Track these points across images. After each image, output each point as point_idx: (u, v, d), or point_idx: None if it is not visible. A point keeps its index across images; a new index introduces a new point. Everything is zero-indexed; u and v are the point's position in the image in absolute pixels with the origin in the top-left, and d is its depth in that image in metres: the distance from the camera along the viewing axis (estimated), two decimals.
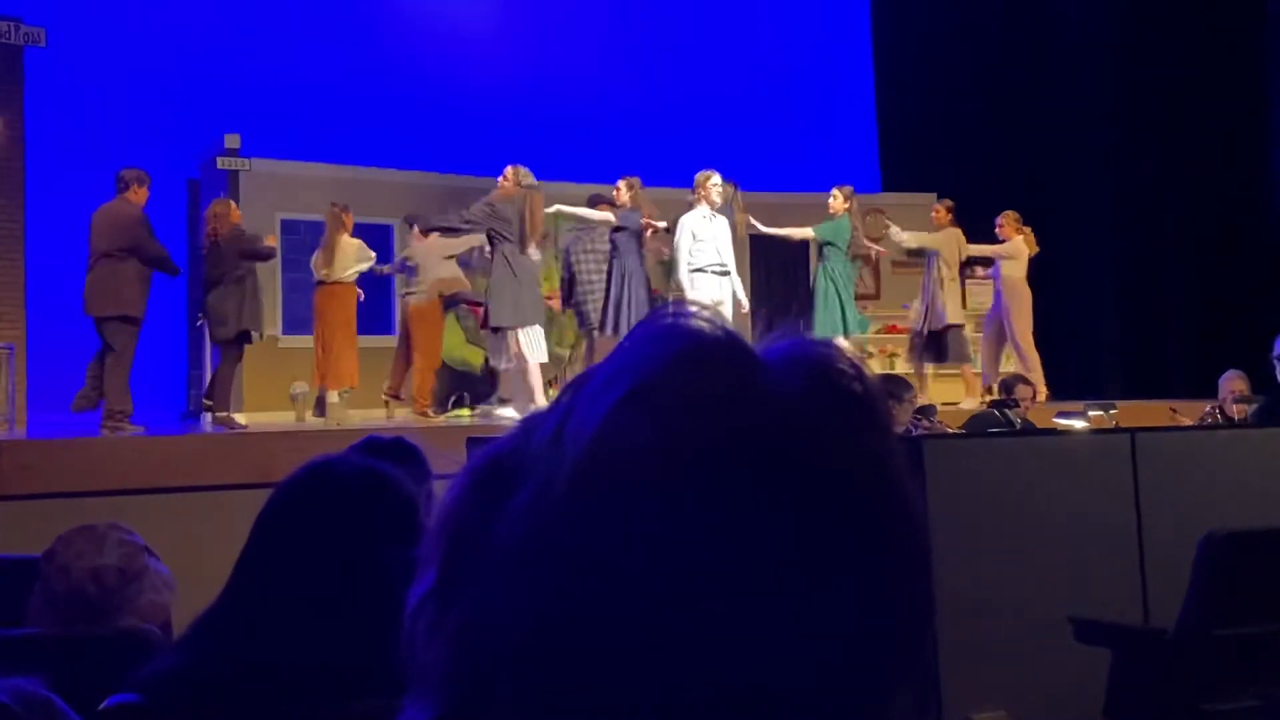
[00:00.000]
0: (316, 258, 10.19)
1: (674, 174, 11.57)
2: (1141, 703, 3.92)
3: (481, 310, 9.85)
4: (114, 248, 8.64)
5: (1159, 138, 14.42)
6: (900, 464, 0.60)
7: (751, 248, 12.88)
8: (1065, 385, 12.20)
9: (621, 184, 10.02)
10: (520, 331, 9.29)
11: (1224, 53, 13.98)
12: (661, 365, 0.58)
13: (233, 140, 12.22)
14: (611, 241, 9.93)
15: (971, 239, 11.99)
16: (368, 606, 1.43)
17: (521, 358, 9.32)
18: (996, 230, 11.79)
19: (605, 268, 9.93)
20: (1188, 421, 8.39)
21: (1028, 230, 11.64)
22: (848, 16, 16.79)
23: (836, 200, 10.90)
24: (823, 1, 16.89)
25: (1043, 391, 10.81)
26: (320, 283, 10.02)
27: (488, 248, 9.68)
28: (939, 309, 11.15)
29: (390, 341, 11.23)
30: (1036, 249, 11.69)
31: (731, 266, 9.91)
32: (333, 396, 9.89)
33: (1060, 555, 5.33)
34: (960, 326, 11.40)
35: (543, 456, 0.59)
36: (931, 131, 15.16)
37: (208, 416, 9.83)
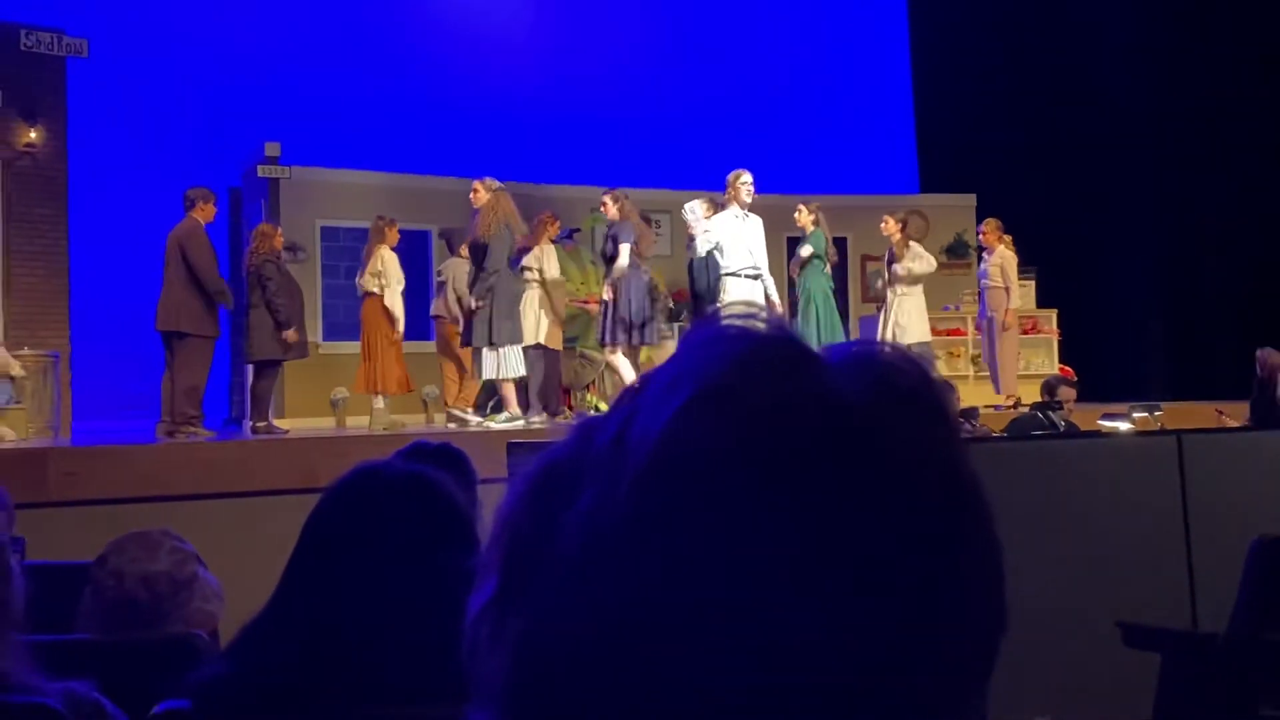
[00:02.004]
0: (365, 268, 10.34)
1: (711, 179, 11.55)
2: (1192, 708, 3.87)
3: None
4: (178, 266, 8.86)
5: (1202, 137, 14.29)
6: (971, 466, 0.58)
7: (786, 249, 12.85)
8: (1109, 387, 12.10)
9: (607, 198, 9.83)
10: (506, 350, 9.35)
11: (1268, 52, 13.83)
12: (725, 368, 0.57)
13: (273, 148, 12.30)
14: (604, 256, 9.85)
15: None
16: (416, 612, 1.43)
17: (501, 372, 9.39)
18: (979, 238, 11.67)
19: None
20: (1234, 423, 8.29)
21: (1009, 238, 11.50)
22: (886, 19, 16.73)
23: (803, 215, 10.54)
24: (861, 4, 16.83)
25: (1006, 398, 10.85)
26: (366, 293, 10.12)
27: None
28: (900, 325, 10.90)
29: (428, 347, 11.27)
30: (1016, 256, 11.58)
31: (764, 268, 9.71)
32: (378, 402, 9.97)
33: (1106, 559, 5.27)
34: (926, 344, 11.18)
35: (604, 462, 0.57)
36: (970, 133, 15.08)
37: (248, 424, 9.95)
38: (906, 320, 10.85)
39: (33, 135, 10.84)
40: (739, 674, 0.53)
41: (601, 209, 9.95)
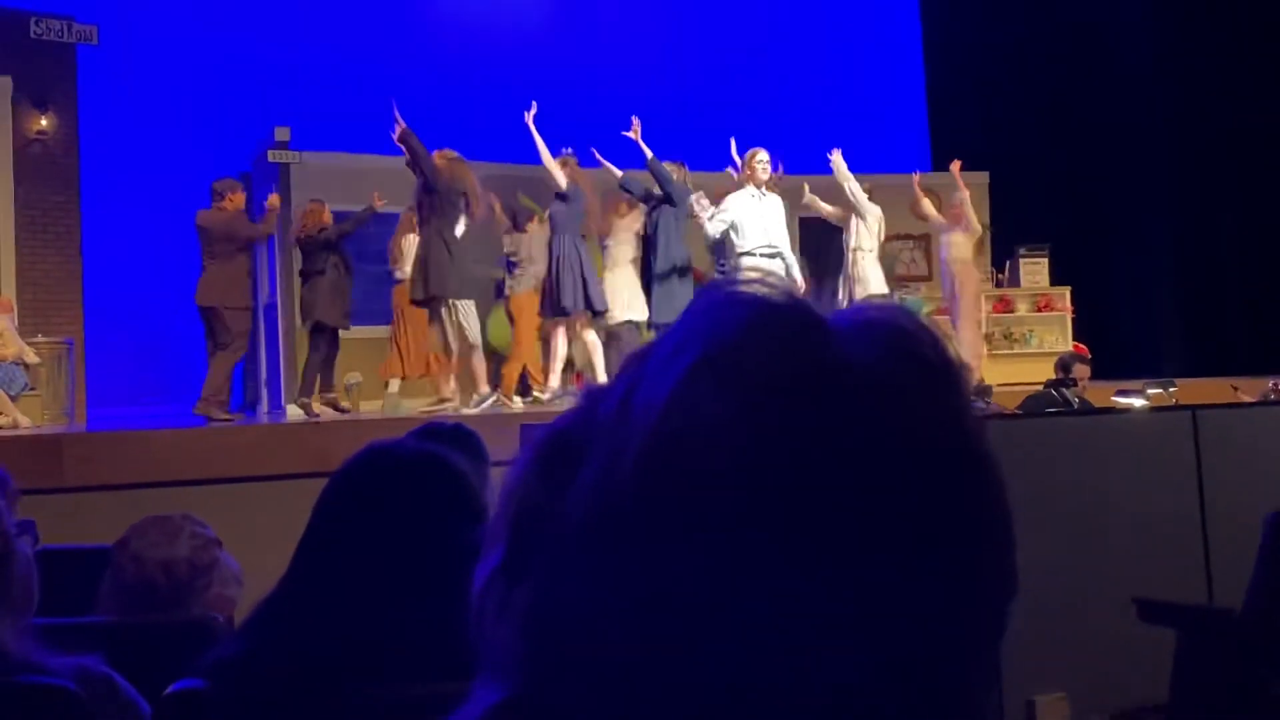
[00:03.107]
0: (390, 254, 10.56)
1: (720, 158, 11.48)
2: (1208, 684, 3.86)
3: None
4: (220, 248, 9.03)
5: (1216, 110, 14.18)
6: (983, 433, 0.58)
7: (798, 228, 12.78)
8: (1124, 363, 12.05)
9: (556, 161, 9.47)
10: (459, 304, 8.94)
11: None
12: (731, 334, 0.56)
13: (283, 133, 12.28)
14: (550, 215, 9.46)
15: (1013, 216, 11.85)
16: (428, 589, 1.43)
17: (462, 338, 8.95)
18: (949, 211, 11.49)
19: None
20: (1250, 398, 8.26)
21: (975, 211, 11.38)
22: None
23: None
24: None
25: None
26: (398, 280, 10.32)
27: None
28: (859, 277, 10.57)
29: None
30: (979, 230, 11.50)
31: (784, 248, 9.48)
32: (392, 386, 10.05)
33: (1121, 536, 5.26)
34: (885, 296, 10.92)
35: (609, 430, 0.57)
36: (982, 110, 15.00)
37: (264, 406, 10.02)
38: (863, 274, 10.54)
39: (44, 123, 10.86)
40: (746, 642, 0.52)
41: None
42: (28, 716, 1.53)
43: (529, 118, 9.58)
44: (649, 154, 9.71)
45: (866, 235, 10.59)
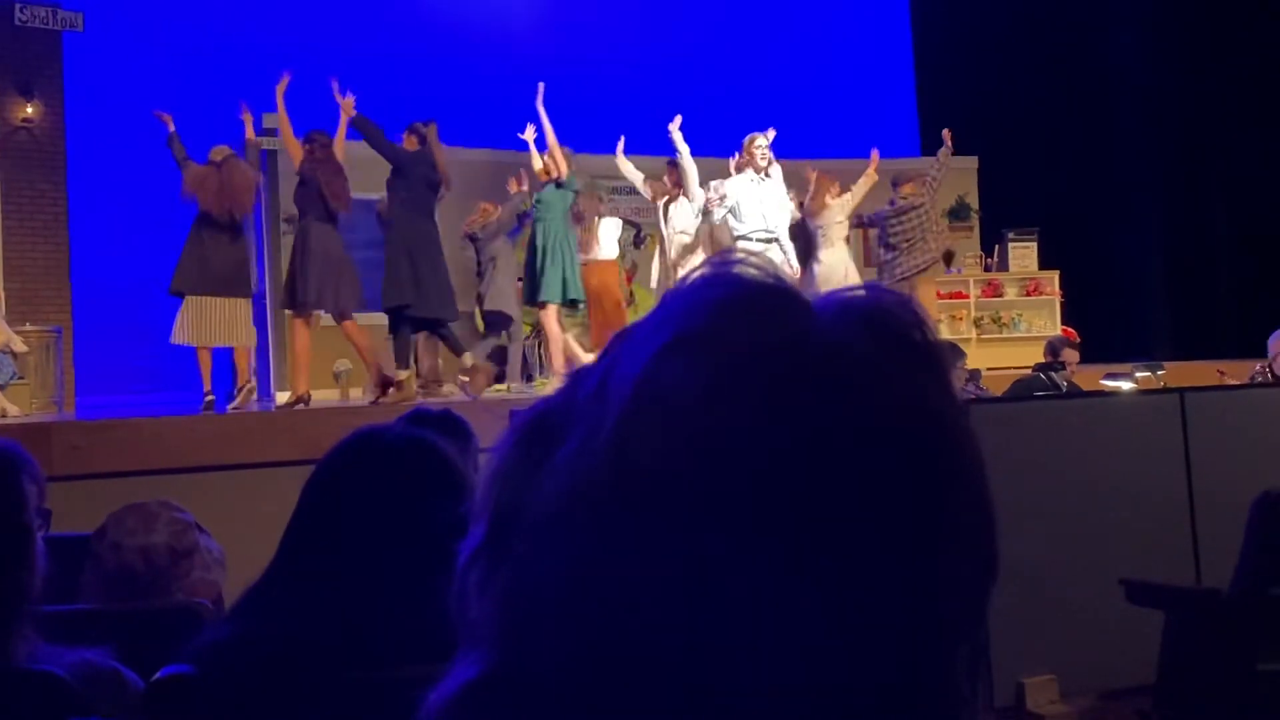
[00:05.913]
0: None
1: (709, 143, 11.47)
2: (1196, 664, 3.88)
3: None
4: None
5: (1205, 93, 14.20)
6: (963, 415, 0.58)
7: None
8: (1112, 346, 12.08)
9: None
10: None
11: (1274, 8, 13.74)
12: (707, 312, 0.57)
13: (271, 120, 12.24)
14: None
15: (1002, 200, 11.78)
16: (416, 573, 1.43)
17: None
18: (809, 188, 10.65)
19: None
20: (1236, 382, 8.29)
21: (836, 187, 10.61)
22: None
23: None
24: None
25: None
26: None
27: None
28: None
29: None
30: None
31: (782, 234, 9.47)
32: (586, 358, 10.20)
33: (1110, 518, 5.29)
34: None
35: (587, 409, 0.57)
36: (971, 94, 14.99)
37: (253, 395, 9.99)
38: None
39: (30, 110, 10.82)
40: (719, 619, 0.52)
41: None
42: (16, 703, 1.53)
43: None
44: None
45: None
